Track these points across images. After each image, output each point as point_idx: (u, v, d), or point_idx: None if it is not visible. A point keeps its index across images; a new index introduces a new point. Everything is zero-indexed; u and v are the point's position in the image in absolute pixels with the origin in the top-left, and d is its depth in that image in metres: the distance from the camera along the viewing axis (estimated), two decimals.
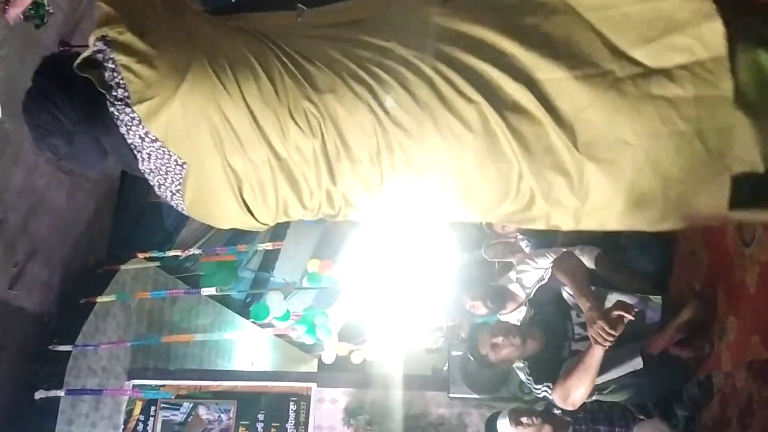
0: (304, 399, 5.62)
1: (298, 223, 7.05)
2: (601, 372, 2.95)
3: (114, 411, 5.36)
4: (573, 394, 3.00)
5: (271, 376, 6.13)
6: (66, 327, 4.84)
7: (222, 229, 6.15)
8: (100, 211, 5.33)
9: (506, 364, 3.47)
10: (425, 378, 6.03)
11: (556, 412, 3.39)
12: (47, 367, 4.63)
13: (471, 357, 3.61)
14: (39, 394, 4.45)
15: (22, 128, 4.01)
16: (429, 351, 6.90)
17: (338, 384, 5.72)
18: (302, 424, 5.55)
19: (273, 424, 5.55)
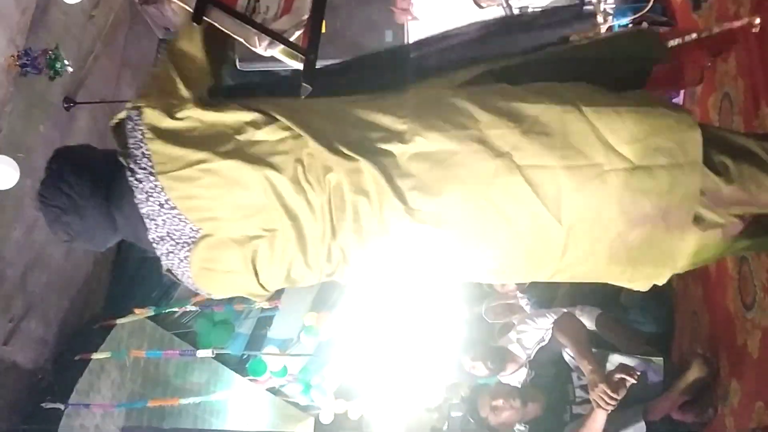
0: None
1: None
2: None
3: None
4: None
5: None
6: (60, 384, 4.77)
7: None
8: (99, 266, 5.31)
9: (506, 428, 3.41)
10: None
11: None
12: (40, 425, 4.54)
13: (471, 419, 3.56)
14: None
15: (24, 183, 4.05)
16: (428, 410, 6.80)
17: None
18: None
19: None
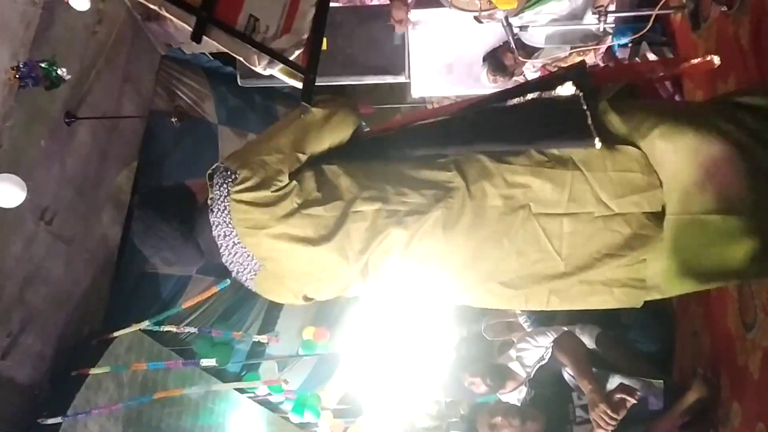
0: None
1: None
2: None
3: None
4: None
5: None
6: (57, 400, 4.74)
7: (219, 300, 6.18)
8: (98, 280, 5.30)
9: None
10: None
11: None
12: None
13: None
14: None
15: (23, 198, 4.03)
16: (427, 430, 6.76)
17: None
18: None
19: None
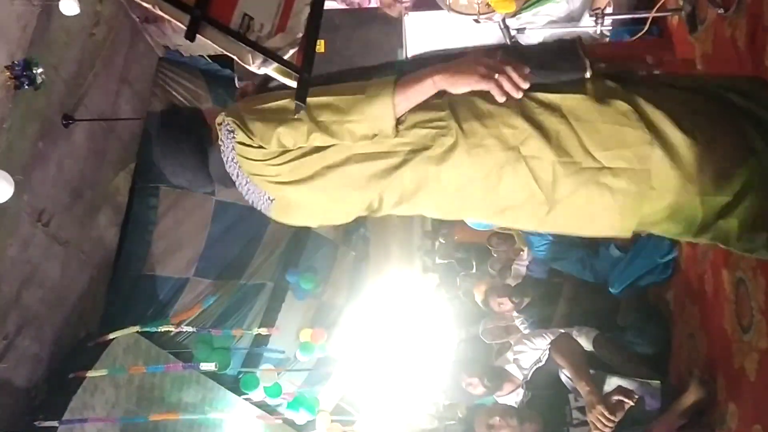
0: None
1: (292, 302, 7.03)
2: None
3: None
4: None
5: None
6: (53, 402, 4.73)
7: (216, 303, 6.17)
8: (95, 283, 5.29)
9: None
10: None
11: None
12: None
13: None
14: None
15: (20, 200, 4.04)
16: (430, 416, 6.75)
17: None
18: None
19: None
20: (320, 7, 1.50)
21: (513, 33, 3.59)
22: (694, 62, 3.05)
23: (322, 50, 4.31)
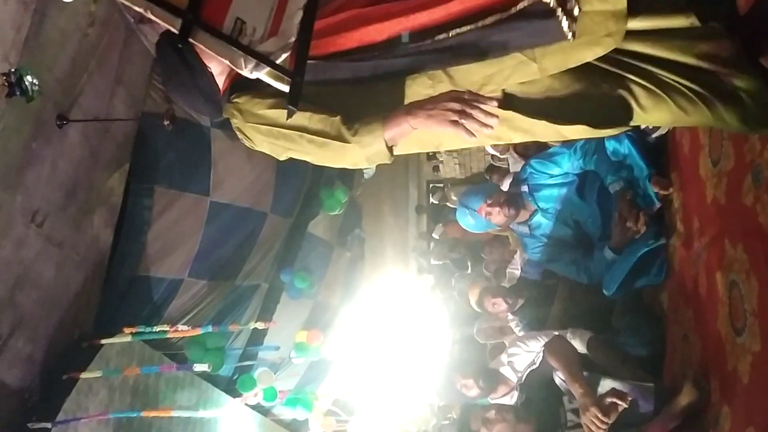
0: None
1: (287, 302, 7.03)
2: None
3: None
4: None
5: None
6: (47, 403, 4.72)
7: (210, 304, 6.17)
8: (89, 283, 5.27)
9: None
10: None
11: None
12: None
13: None
14: None
15: (14, 200, 4.03)
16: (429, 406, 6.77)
17: None
18: None
19: None
20: (313, 11, 1.50)
21: None
22: None
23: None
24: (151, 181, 5.68)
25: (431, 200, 10.06)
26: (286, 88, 1.54)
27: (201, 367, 5.11)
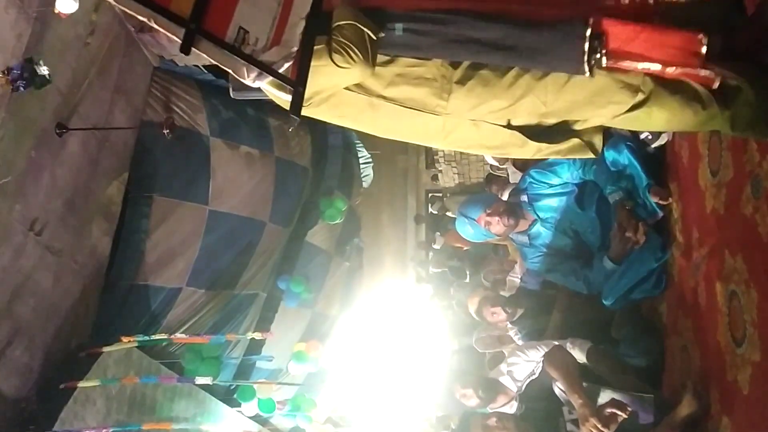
0: None
1: (285, 311, 7.01)
2: None
3: None
4: None
5: None
6: (44, 413, 4.69)
7: (209, 313, 6.15)
8: (87, 292, 5.26)
9: None
10: None
11: None
12: None
13: None
14: None
15: (12, 209, 4.02)
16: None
17: None
18: None
19: None
20: (315, 21, 1.50)
21: None
22: None
23: None
24: (149, 190, 5.67)
25: (430, 210, 10.07)
26: (288, 97, 1.54)
27: (204, 380, 5.09)
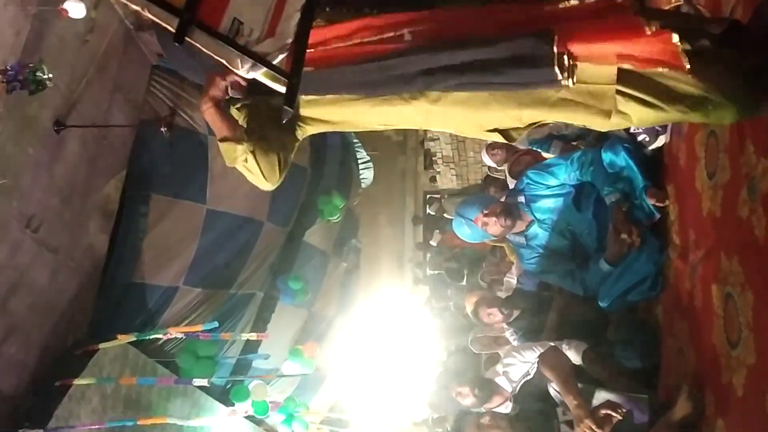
0: None
1: (282, 311, 7.01)
2: None
3: None
4: None
5: None
6: (39, 410, 4.68)
7: (205, 312, 6.14)
8: (83, 290, 5.25)
9: None
10: None
11: None
12: None
13: None
14: None
15: (9, 205, 4.02)
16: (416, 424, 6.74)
17: None
18: None
19: None
20: (311, 13, 1.50)
21: None
22: None
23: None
24: (147, 188, 5.67)
25: (428, 211, 10.07)
26: (282, 89, 1.54)
27: (200, 381, 5.07)
